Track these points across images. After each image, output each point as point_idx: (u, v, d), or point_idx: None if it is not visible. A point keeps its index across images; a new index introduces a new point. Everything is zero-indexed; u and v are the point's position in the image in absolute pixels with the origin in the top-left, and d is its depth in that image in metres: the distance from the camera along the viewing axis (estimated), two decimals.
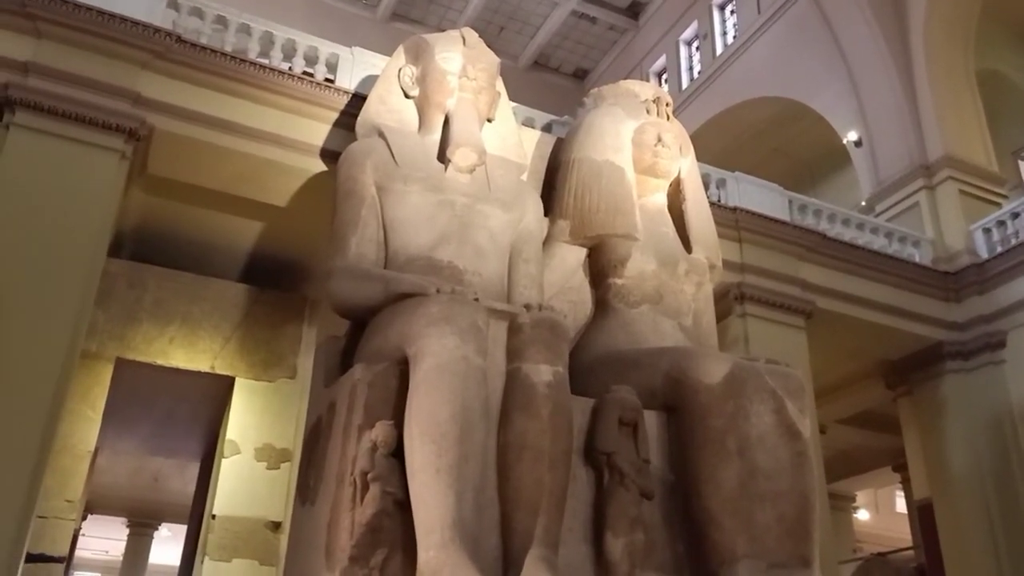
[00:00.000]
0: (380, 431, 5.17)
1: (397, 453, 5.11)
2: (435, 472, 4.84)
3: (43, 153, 7.98)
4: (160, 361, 10.34)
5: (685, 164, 8.30)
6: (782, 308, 11.58)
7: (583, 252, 7.83)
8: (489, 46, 8.30)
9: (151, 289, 10.36)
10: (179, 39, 8.74)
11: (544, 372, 5.46)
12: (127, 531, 20.88)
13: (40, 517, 8.69)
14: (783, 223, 12.11)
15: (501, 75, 8.36)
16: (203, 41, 9.10)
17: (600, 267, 7.71)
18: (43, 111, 8.05)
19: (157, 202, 9.71)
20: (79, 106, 8.15)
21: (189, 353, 10.47)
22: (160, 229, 10.27)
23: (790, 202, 12.66)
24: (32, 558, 8.65)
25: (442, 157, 7.47)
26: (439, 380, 5.11)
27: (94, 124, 8.17)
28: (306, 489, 6.10)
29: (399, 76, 8.06)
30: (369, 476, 5.03)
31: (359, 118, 8.06)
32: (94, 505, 17.81)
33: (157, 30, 8.57)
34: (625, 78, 9.43)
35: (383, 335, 5.96)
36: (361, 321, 6.56)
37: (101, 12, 8.36)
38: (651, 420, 6.09)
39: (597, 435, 5.73)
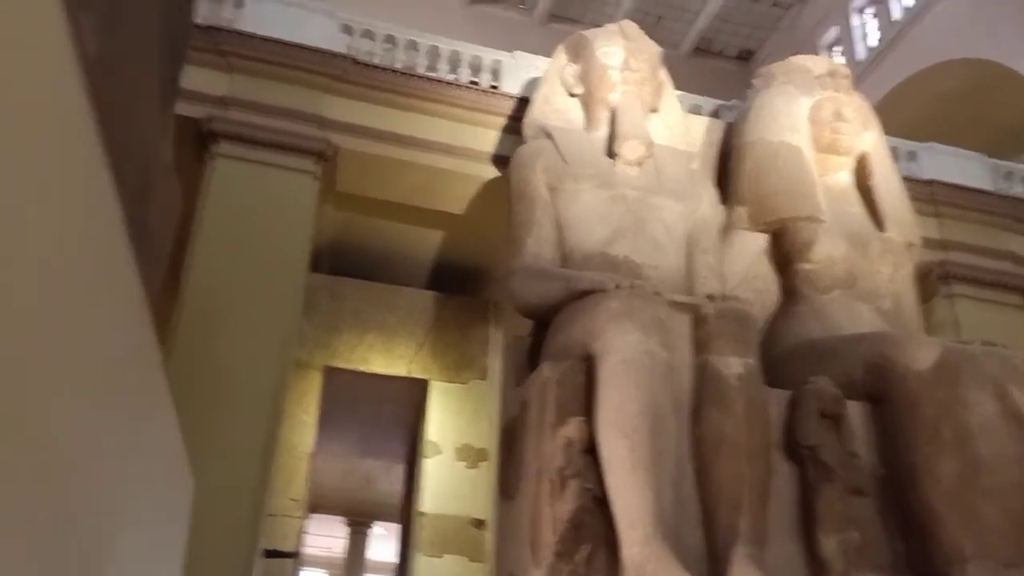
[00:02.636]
0: (573, 428, 5.24)
1: (591, 449, 5.15)
2: (631, 468, 4.85)
3: (245, 179, 8.67)
4: (362, 367, 10.99)
5: (869, 138, 7.83)
6: (994, 286, 10.63)
7: (764, 238, 7.57)
8: (650, 37, 8.19)
9: (349, 300, 11.03)
10: (354, 61, 9.24)
11: (734, 364, 5.33)
12: (346, 529, 22.18)
13: (270, 515, 9.43)
14: (987, 193, 11.12)
15: (663, 64, 8.22)
16: (375, 61, 9.57)
17: (784, 253, 7.42)
18: (241, 140, 8.73)
19: (347, 217, 10.31)
20: (272, 133, 8.79)
21: (387, 359, 11.05)
22: (352, 242, 10.90)
23: (994, 170, 11.59)
24: (267, 554, 9.39)
25: (611, 152, 7.46)
26: (625, 375, 5.11)
27: (286, 148, 8.79)
28: (507, 486, 6.28)
29: (561, 75, 8.12)
30: (566, 472, 5.10)
31: (525, 120, 8.19)
32: (315, 505, 19.15)
33: (335, 55, 9.11)
34: (794, 54, 8.96)
35: (567, 332, 6.03)
36: (544, 320, 6.67)
37: (284, 43, 8.97)
38: (853, 411, 5.79)
39: (797, 428, 5.53)
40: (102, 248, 0.98)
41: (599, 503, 5.02)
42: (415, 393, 11.45)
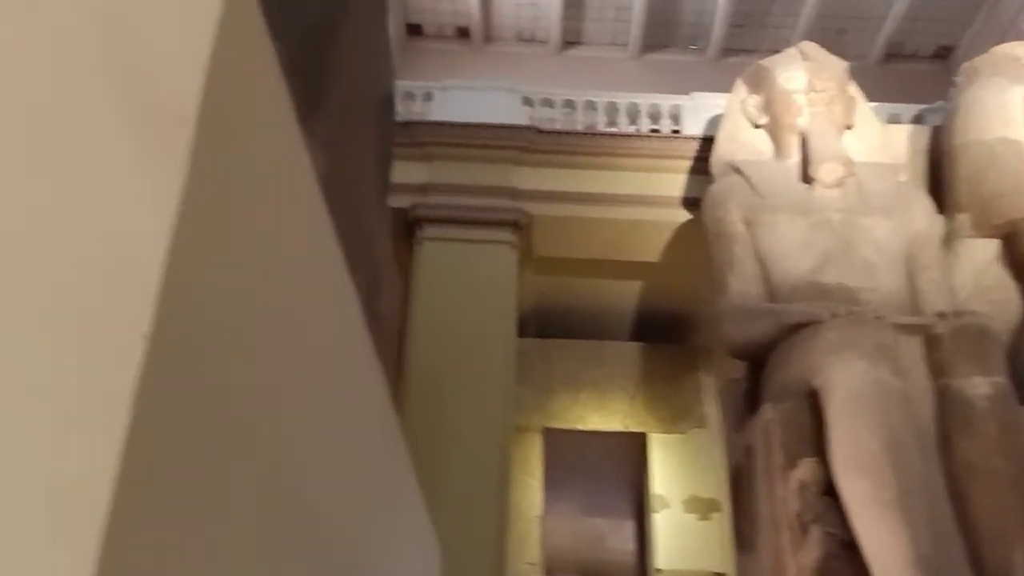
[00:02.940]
0: (806, 470, 4.99)
1: (828, 490, 4.88)
2: (881, 508, 4.53)
3: (449, 257, 9.14)
4: (579, 426, 11.07)
5: None
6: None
7: (994, 244, 6.93)
8: (832, 52, 7.88)
9: (559, 360, 11.22)
10: (538, 130, 9.57)
11: (980, 385, 4.90)
12: None
13: None
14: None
15: (852, 77, 7.86)
16: (557, 126, 9.87)
17: (1020, 257, 6.75)
18: (443, 221, 9.25)
19: (547, 280, 10.57)
20: (470, 210, 9.24)
21: (602, 415, 11.08)
22: (555, 304, 11.13)
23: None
24: None
25: (806, 178, 7.18)
26: (857, 409, 4.83)
27: (484, 223, 9.20)
28: (742, 537, 6.06)
29: (743, 109, 7.98)
30: (805, 518, 4.85)
31: (712, 159, 8.09)
32: (549, 567, 19.27)
33: (519, 127, 9.49)
34: (997, 44, 8.26)
35: (784, 371, 5.80)
36: (757, 360, 6.46)
37: (472, 125, 9.48)
38: None
39: None
40: (350, 341, 1.10)
41: (846, 547, 4.71)
42: (634, 447, 11.35)
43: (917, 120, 9.26)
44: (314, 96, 1.45)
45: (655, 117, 10.14)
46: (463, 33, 18.44)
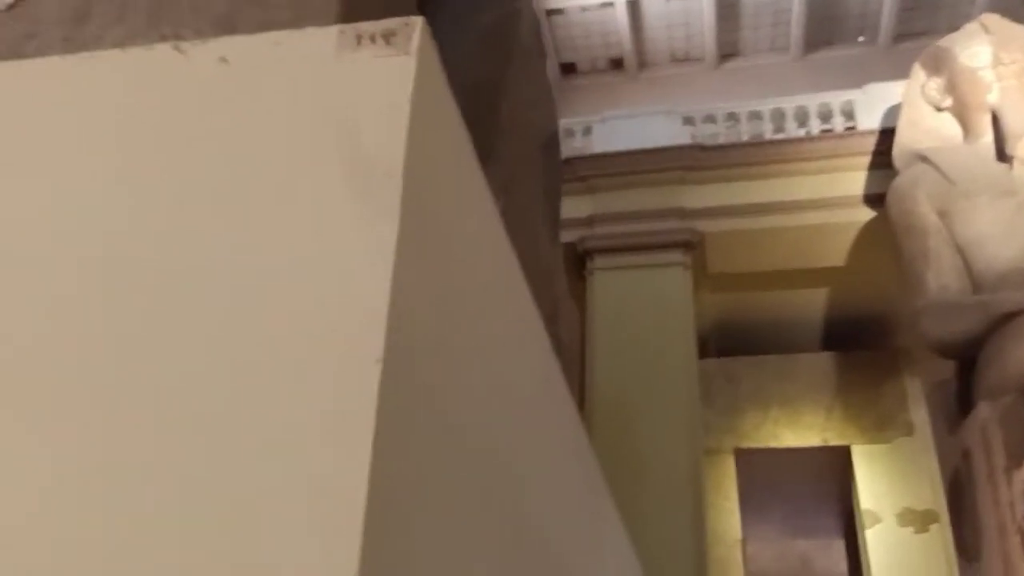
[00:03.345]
0: None
1: None
2: None
3: (622, 285, 9.17)
4: (772, 444, 10.67)
5: None
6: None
7: None
8: (1018, 21, 7.31)
9: (745, 378, 10.89)
10: (702, 148, 9.46)
11: None
12: None
13: None
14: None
15: None
16: (721, 141, 9.71)
17: None
18: (612, 251, 9.30)
19: (725, 297, 10.33)
20: (638, 236, 9.24)
21: (796, 431, 10.62)
22: (735, 321, 10.85)
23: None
24: None
25: (1003, 157, 6.67)
26: None
27: (654, 247, 9.17)
28: (966, 547, 5.64)
29: (924, 94, 7.54)
30: None
31: (894, 151, 7.68)
32: None
33: (682, 147, 9.42)
34: None
35: (999, 365, 5.40)
36: (967, 357, 6.04)
37: (634, 152, 9.52)
38: None
39: None
40: (545, 372, 1.17)
41: None
42: (836, 462, 10.78)
43: None
44: (488, 146, 1.56)
45: (826, 117, 9.77)
46: (617, 64, 18.59)
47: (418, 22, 0.71)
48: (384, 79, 0.66)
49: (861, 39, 22.82)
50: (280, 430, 0.54)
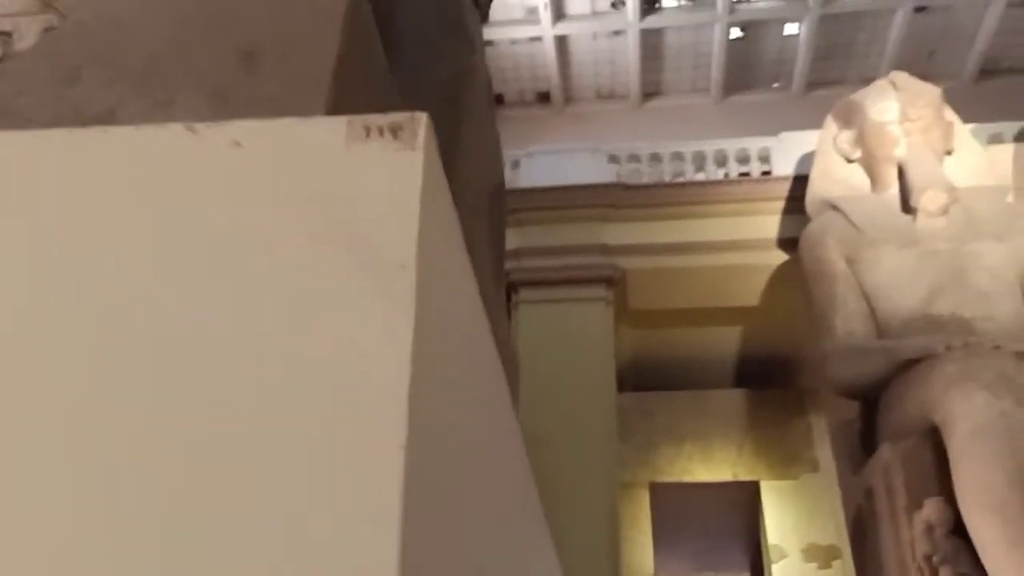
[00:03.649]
0: (932, 510, 4.85)
1: (957, 530, 4.71)
2: (1007, 547, 4.36)
3: (545, 318, 9.27)
4: (686, 478, 10.89)
5: None
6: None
7: None
8: (922, 76, 7.79)
9: (660, 413, 11.12)
10: (625, 187, 9.70)
11: None
12: None
13: None
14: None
15: (948, 98, 7.74)
16: (645, 180, 9.97)
17: None
18: (537, 284, 9.42)
19: (643, 333, 10.56)
20: (562, 271, 9.39)
21: (709, 466, 10.88)
22: (652, 356, 11.09)
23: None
24: None
25: (908, 208, 7.06)
26: (981, 444, 4.68)
27: (577, 282, 9.32)
28: None
29: (835, 145, 7.93)
30: (935, 560, 4.70)
31: (807, 198, 8.03)
32: None
33: (606, 185, 9.65)
34: None
35: (901, 408, 5.67)
36: (870, 399, 6.32)
37: (560, 188, 9.69)
38: None
39: None
40: (510, 421, 1.22)
41: None
42: (746, 497, 11.08)
43: (1020, 137, 8.99)
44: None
45: (744, 161, 10.16)
46: (544, 98, 18.92)
47: (423, 118, 0.76)
48: (393, 172, 0.71)
49: (776, 85, 23.83)
50: (310, 517, 0.57)
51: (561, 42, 18.32)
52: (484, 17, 2.51)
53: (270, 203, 0.71)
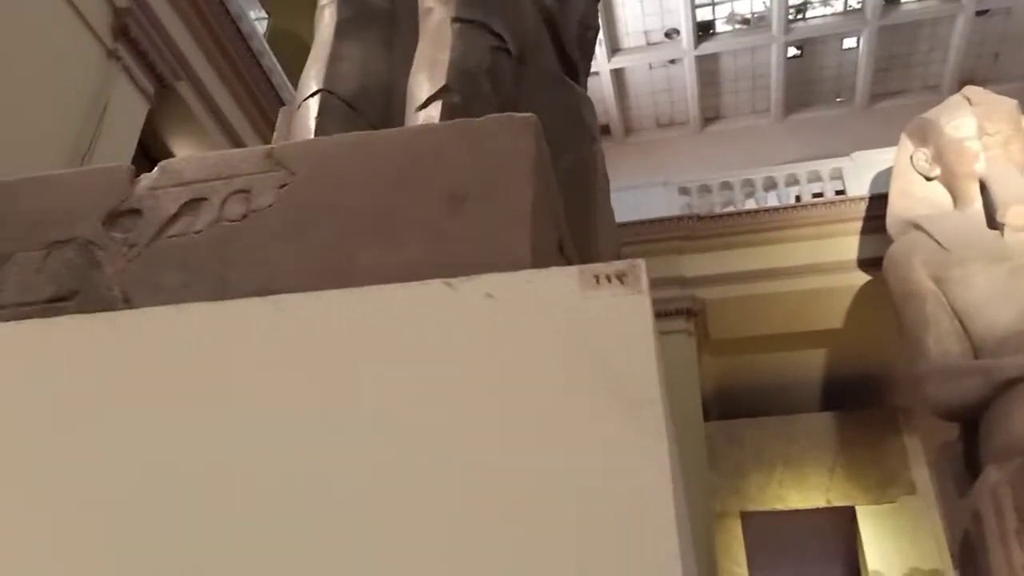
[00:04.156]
0: None
1: None
2: None
3: None
4: (778, 506, 10.74)
5: None
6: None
7: None
8: (987, 79, 7.73)
9: (748, 440, 11.01)
10: (698, 217, 9.75)
11: None
12: None
13: None
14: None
15: (1017, 99, 7.65)
16: (717, 210, 10.01)
17: None
18: None
19: (727, 361, 10.52)
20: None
21: (801, 491, 10.71)
22: (737, 383, 11.02)
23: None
24: None
25: (992, 224, 6.96)
26: None
27: (658, 315, 9.28)
28: None
29: (912, 164, 7.86)
30: None
31: (888, 219, 7.97)
32: None
33: (679, 218, 9.71)
34: None
35: (1005, 429, 5.58)
36: (970, 419, 6.21)
37: (633, 223, 9.77)
38: None
39: None
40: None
41: None
42: (842, 522, 10.85)
43: None
44: None
45: (817, 182, 10.13)
46: (604, 130, 19.11)
47: (641, 265, 0.90)
48: (626, 315, 0.85)
49: (839, 99, 23.54)
50: None
51: (618, 75, 18.52)
52: (585, 86, 2.67)
53: (524, 347, 0.85)
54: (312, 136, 1.81)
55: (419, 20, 2.01)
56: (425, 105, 1.78)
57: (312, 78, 1.94)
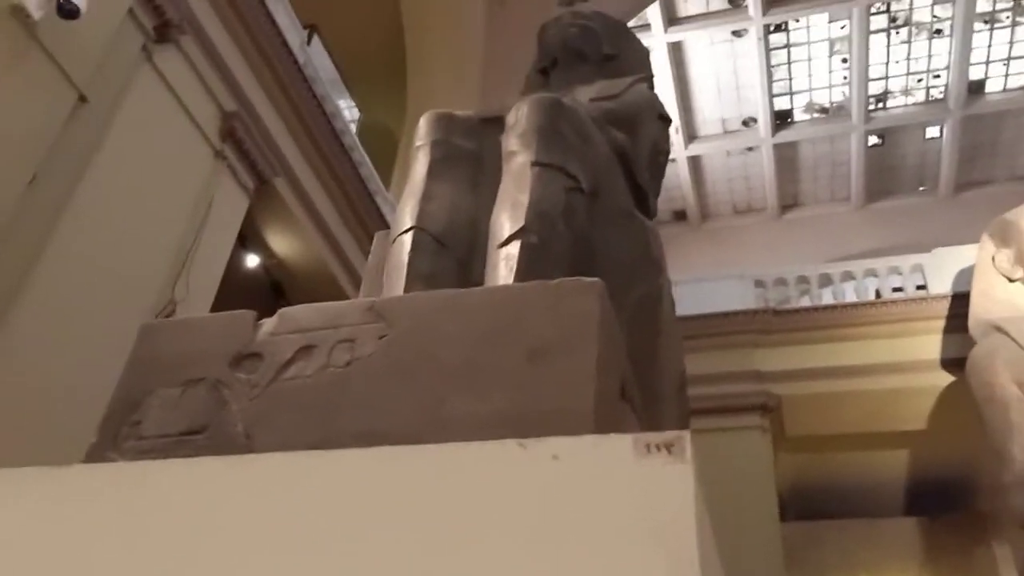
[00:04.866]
0: None
1: None
2: None
3: (703, 449, 8.98)
4: None
5: None
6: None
7: None
8: None
9: (829, 543, 10.67)
10: (775, 312, 9.73)
11: None
12: None
13: None
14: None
15: None
16: (794, 304, 9.98)
17: None
18: (693, 414, 9.42)
19: (804, 459, 10.30)
20: (717, 399, 9.36)
21: None
22: (815, 483, 10.74)
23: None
24: None
25: None
26: None
27: (733, 410, 9.28)
28: None
29: (994, 264, 7.77)
30: None
31: (970, 321, 7.85)
32: None
33: (755, 311, 9.71)
34: None
35: None
36: None
37: (708, 316, 9.80)
38: None
39: None
40: None
41: None
42: None
43: None
44: (652, 414, 1.91)
45: (896, 276, 10.04)
46: (680, 216, 19.28)
47: (687, 436, 1.05)
48: (674, 482, 0.99)
49: (922, 188, 23.19)
50: None
51: (695, 161, 18.75)
52: (652, 215, 2.86)
53: (583, 507, 1.00)
54: (405, 269, 2.02)
55: (502, 161, 2.23)
56: (506, 243, 1.98)
57: (407, 214, 2.17)
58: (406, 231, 2.12)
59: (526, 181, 2.08)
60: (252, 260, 8.03)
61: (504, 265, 1.91)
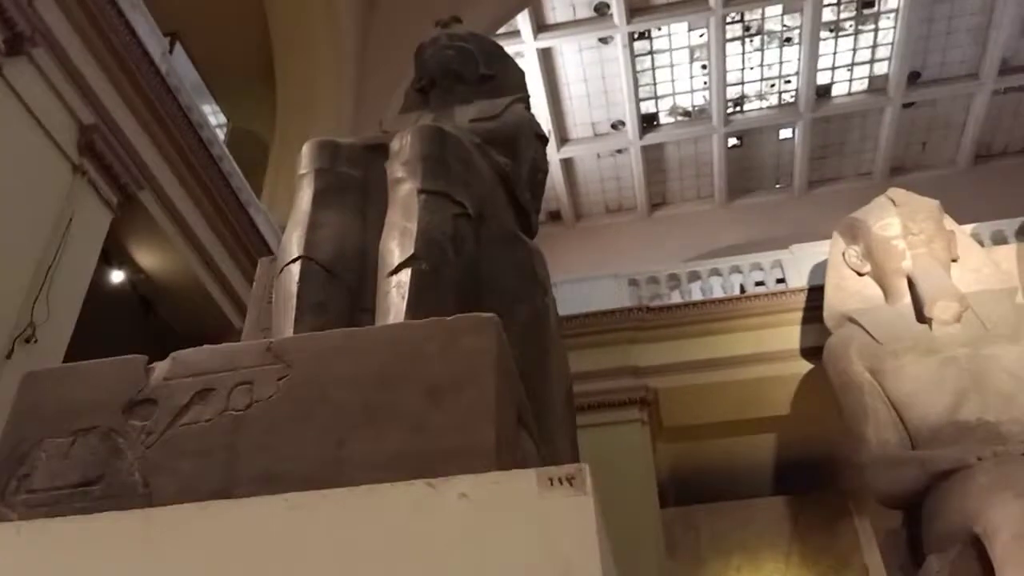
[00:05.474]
0: None
1: None
2: None
3: (584, 444, 9.46)
4: None
5: None
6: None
7: None
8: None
9: (704, 526, 11.15)
10: (647, 309, 10.09)
11: None
12: None
13: None
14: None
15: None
16: (665, 301, 10.38)
17: None
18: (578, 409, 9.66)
19: (680, 448, 10.73)
20: (597, 395, 9.64)
21: None
22: (690, 470, 11.20)
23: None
24: None
25: (921, 318, 7.37)
26: (1021, 551, 4.85)
27: (612, 405, 9.57)
28: None
29: (845, 260, 8.30)
30: None
31: (825, 312, 8.36)
32: None
33: (631, 309, 10.04)
34: None
35: (942, 519, 5.83)
36: (911, 507, 6.47)
37: (585, 315, 10.06)
38: None
39: None
40: None
41: None
42: None
43: (1022, 234, 9.36)
44: (544, 427, 1.98)
45: (757, 272, 10.59)
46: (555, 216, 19.65)
47: (586, 468, 1.12)
48: (575, 512, 1.06)
49: (779, 185, 24.55)
50: None
51: (567, 163, 19.16)
52: (534, 233, 2.95)
53: (492, 543, 1.06)
54: (295, 300, 2.01)
55: (389, 189, 2.26)
56: (397, 271, 2.01)
57: (293, 243, 2.16)
58: (293, 260, 2.11)
59: (413, 208, 2.12)
60: (117, 276, 7.66)
61: (396, 292, 1.93)
